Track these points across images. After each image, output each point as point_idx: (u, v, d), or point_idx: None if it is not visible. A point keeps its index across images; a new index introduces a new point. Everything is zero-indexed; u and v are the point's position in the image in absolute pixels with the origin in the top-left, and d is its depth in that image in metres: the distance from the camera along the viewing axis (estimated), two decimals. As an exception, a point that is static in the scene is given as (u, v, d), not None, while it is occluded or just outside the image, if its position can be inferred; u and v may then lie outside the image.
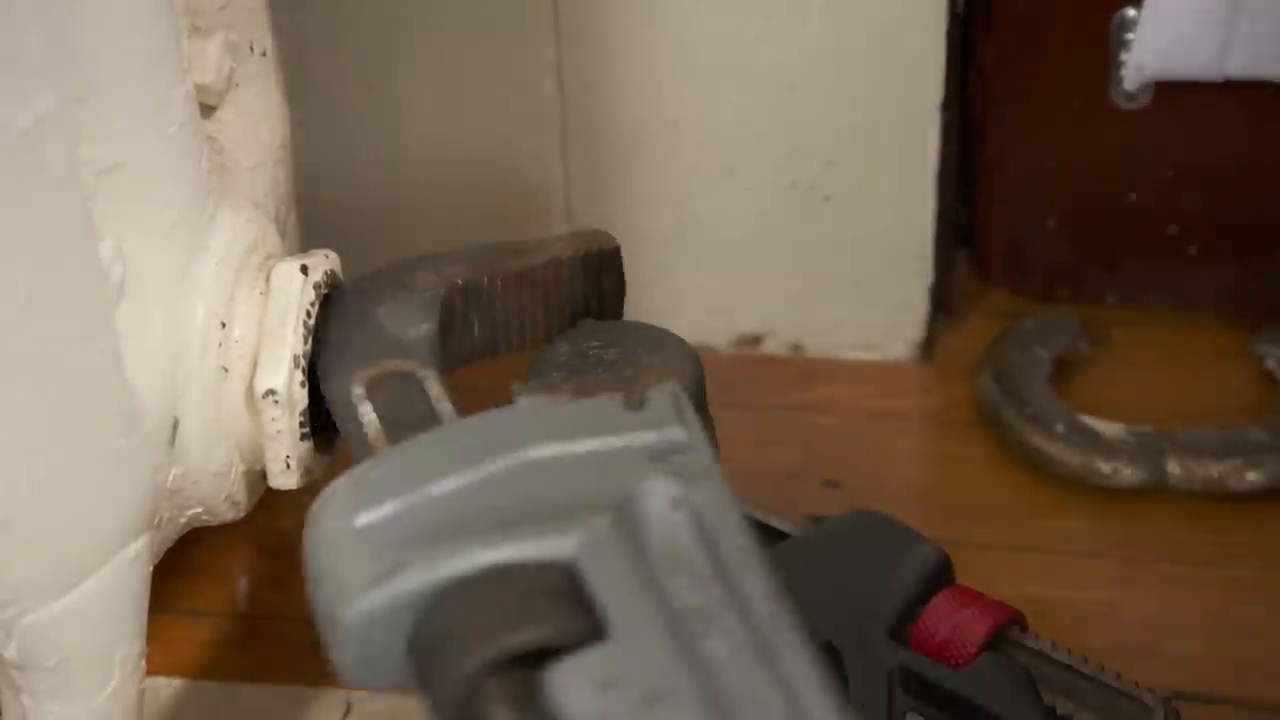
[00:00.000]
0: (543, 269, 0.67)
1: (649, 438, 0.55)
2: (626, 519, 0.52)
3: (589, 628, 0.51)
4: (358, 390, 0.63)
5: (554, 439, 0.55)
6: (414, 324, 0.65)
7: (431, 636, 0.52)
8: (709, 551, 0.52)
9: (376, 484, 0.54)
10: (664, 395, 0.56)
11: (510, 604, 0.51)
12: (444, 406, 0.62)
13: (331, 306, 0.67)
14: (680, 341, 0.66)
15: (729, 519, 0.52)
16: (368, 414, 0.62)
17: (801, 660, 0.49)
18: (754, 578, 0.51)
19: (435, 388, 0.63)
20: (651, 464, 0.54)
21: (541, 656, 0.50)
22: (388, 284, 0.67)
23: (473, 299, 0.67)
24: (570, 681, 0.49)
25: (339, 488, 0.55)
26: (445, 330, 0.66)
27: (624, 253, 0.90)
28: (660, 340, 0.65)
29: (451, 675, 0.51)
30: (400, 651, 0.53)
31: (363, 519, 0.54)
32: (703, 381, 0.64)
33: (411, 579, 0.52)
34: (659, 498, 0.53)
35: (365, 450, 0.61)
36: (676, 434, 0.55)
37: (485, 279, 0.66)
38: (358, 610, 0.52)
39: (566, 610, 0.51)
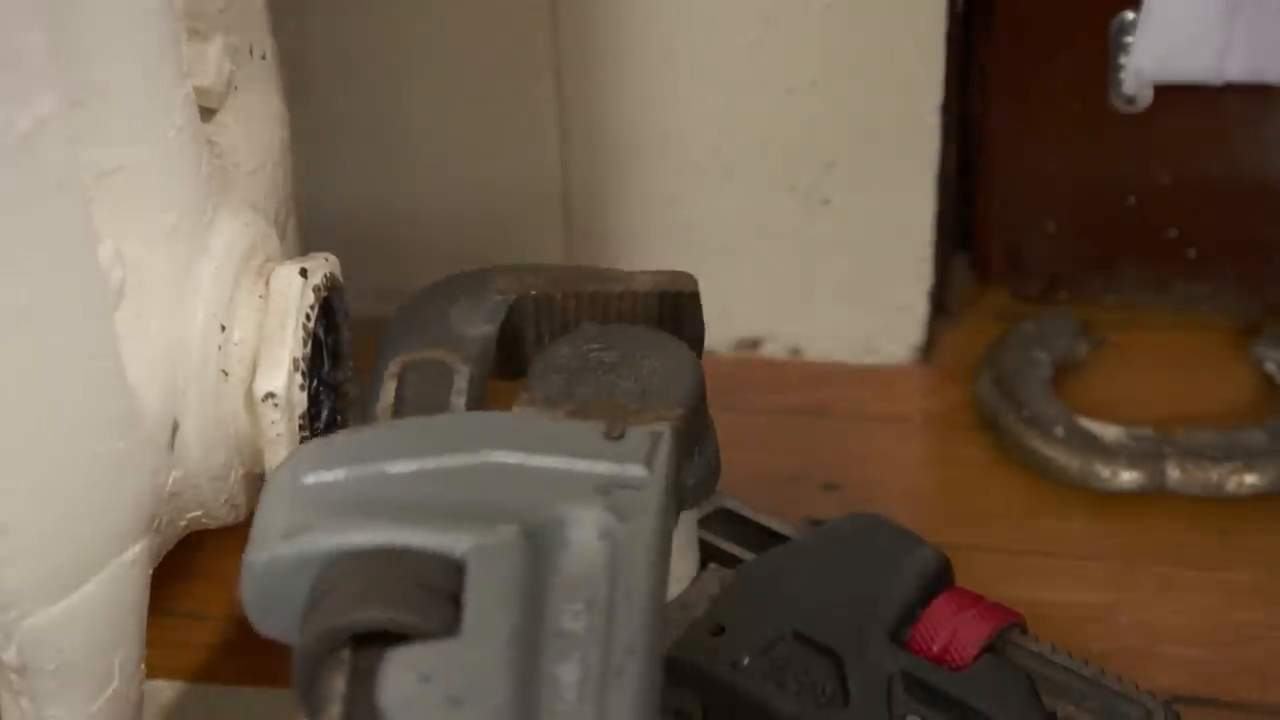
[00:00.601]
0: (618, 298, 0.67)
1: (608, 469, 0.57)
2: (545, 538, 0.54)
3: (445, 623, 0.52)
4: (390, 370, 0.64)
5: (519, 449, 0.57)
6: (476, 323, 0.67)
7: (310, 598, 0.54)
8: (612, 586, 0.53)
9: (338, 450, 0.57)
10: (644, 433, 0.58)
11: (379, 582, 0.53)
12: (459, 401, 0.63)
13: (414, 296, 0.68)
14: (680, 344, 0.66)
15: (643, 562, 0.54)
16: (387, 394, 0.63)
17: (630, 708, 0.51)
18: (635, 622, 0.53)
19: (461, 382, 0.64)
20: (594, 494, 0.55)
21: (399, 639, 0.52)
22: (470, 283, 0.68)
23: (544, 312, 0.68)
24: (397, 666, 0.51)
25: (308, 447, 0.57)
26: (513, 336, 0.67)
27: (622, 255, 0.90)
28: (660, 343, 0.65)
29: (305, 637, 0.53)
30: (297, 607, 0.55)
31: (311, 478, 0.56)
32: (703, 384, 0.64)
33: (313, 541, 0.54)
34: (588, 526, 0.55)
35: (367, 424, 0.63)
36: (636, 471, 0.57)
37: (560, 295, 0.67)
38: (261, 558, 0.55)
39: (433, 602, 0.53)
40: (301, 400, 0.67)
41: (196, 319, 0.65)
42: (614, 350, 0.65)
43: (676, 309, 0.68)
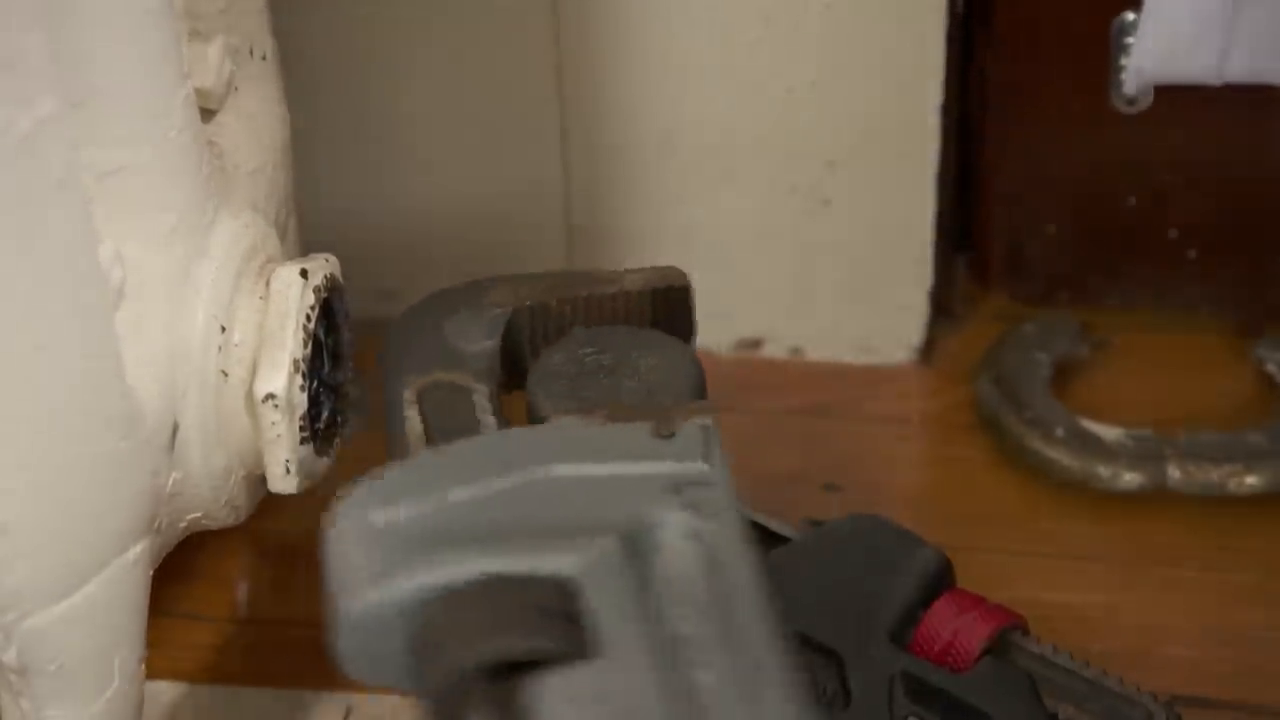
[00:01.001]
0: (612, 299, 0.67)
1: (671, 468, 0.56)
2: (638, 545, 0.54)
3: (578, 644, 0.51)
4: (407, 395, 0.64)
5: (578, 459, 0.56)
6: (476, 339, 0.66)
7: (426, 637, 0.53)
8: (714, 585, 0.53)
9: (399, 485, 0.56)
10: (693, 428, 0.58)
11: (502, 613, 0.52)
12: (488, 419, 0.63)
13: (404, 314, 0.68)
14: (677, 344, 0.66)
15: (738, 555, 0.54)
16: (413, 420, 0.63)
17: (785, 702, 0.50)
18: (754, 615, 0.52)
19: (483, 401, 0.64)
20: (668, 495, 0.55)
21: (529, 667, 0.51)
22: (462, 298, 0.68)
23: (539, 321, 0.67)
24: (548, 694, 0.50)
25: (364, 485, 0.56)
26: (512, 349, 0.67)
27: (622, 256, 0.90)
28: (651, 341, 0.65)
29: (438, 675, 0.52)
30: (400, 650, 0.54)
31: (380, 517, 0.55)
32: (703, 383, 0.64)
33: (413, 580, 0.53)
34: (673, 529, 0.54)
35: (403, 454, 0.62)
36: (699, 468, 0.56)
37: (554, 302, 0.67)
38: (359, 606, 0.53)
39: (557, 625, 0.52)
40: (302, 401, 0.67)
41: (197, 320, 0.65)
42: (608, 353, 0.65)
43: (669, 304, 0.68)
